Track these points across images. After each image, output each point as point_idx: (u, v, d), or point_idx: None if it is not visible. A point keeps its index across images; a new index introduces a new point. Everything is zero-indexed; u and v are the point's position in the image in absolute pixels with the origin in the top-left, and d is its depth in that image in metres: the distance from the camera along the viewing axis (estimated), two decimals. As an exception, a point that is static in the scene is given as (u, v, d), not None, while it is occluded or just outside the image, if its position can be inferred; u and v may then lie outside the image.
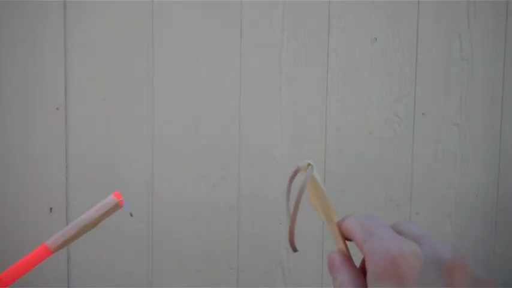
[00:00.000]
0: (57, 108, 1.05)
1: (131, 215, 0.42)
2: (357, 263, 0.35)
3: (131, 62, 1.08)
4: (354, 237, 0.33)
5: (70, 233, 0.41)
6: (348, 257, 0.35)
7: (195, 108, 1.11)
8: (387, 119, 1.18)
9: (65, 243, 0.41)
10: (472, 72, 1.21)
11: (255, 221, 1.15)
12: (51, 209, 1.06)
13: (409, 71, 1.18)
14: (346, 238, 0.35)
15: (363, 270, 0.33)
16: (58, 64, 1.05)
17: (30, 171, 1.05)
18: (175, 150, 1.10)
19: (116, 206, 0.42)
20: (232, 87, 1.12)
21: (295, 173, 0.35)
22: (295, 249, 0.36)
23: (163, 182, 1.10)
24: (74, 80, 1.06)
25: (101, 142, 1.08)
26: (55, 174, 1.06)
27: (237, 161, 1.13)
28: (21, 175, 1.05)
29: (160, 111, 1.09)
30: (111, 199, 0.42)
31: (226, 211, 1.14)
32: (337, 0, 1.14)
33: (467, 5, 1.19)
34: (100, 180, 1.08)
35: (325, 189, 0.36)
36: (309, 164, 0.34)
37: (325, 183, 1.17)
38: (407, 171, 1.20)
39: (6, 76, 1.03)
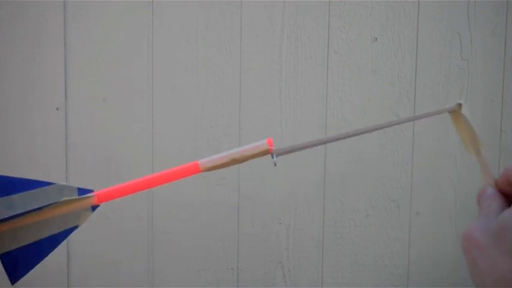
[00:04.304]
0: (57, 108, 1.05)
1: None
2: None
3: (131, 62, 1.08)
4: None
5: (220, 161, 0.45)
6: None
7: (195, 108, 1.11)
8: (387, 119, 1.18)
9: (213, 168, 0.45)
10: (472, 72, 1.21)
11: (255, 221, 1.15)
12: (51, 209, 1.06)
13: (409, 71, 1.18)
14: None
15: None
16: (58, 64, 1.05)
17: (30, 171, 1.05)
18: (175, 150, 1.10)
19: (264, 152, 0.45)
20: (232, 87, 1.12)
21: (448, 109, 0.41)
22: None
23: (163, 182, 1.10)
24: (74, 80, 1.06)
25: (101, 142, 1.08)
26: (55, 173, 1.06)
27: (237, 161, 1.13)
28: (21, 175, 1.05)
29: (160, 111, 1.09)
30: (263, 144, 0.45)
31: (226, 211, 1.14)
32: (337, 0, 1.14)
33: (467, 5, 1.19)
34: (100, 180, 1.08)
35: (474, 125, 0.41)
36: (460, 104, 0.40)
37: (325, 183, 1.17)
38: (407, 171, 1.20)
39: (6, 76, 1.03)
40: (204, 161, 0.45)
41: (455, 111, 0.40)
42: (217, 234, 1.14)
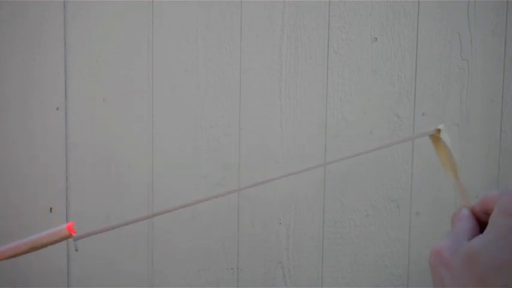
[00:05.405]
0: (57, 108, 1.05)
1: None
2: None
3: (131, 62, 1.08)
4: (491, 196, 0.36)
5: (18, 250, 0.42)
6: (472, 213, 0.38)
7: (195, 108, 1.11)
8: (387, 119, 1.18)
9: (12, 256, 0.42)
10: (472, 72, 1.21)
11: (255, 221, 1.15)
12: (51, 209, 1.06)
13: (409, 71, 1.18)
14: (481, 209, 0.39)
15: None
16: (58, 64, 1.05)
17: (30, 171, 1.05)
18: (175, 150, 1.10)
19: (65, 237, 0.42)
20: (232, 87, 1.12)
21: (431, 135, 0.41)
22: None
23: (163, 182, 1.10)
24: (74, 80, 1.06)
25: (101, 142, 1.08)
26: (55, 174, 1.06)
27: (237, 161, 1.13)
28: (21, 175, 1.05)
29: (160, 111, 1.09)
30: (63, 231, 0.42)
31: (226, 211, 1.14)
32: (337, 0, 1.14)
33: (467, 5, 1.19)
34: (100, 180, 1.08)
35: (452, 150, 0.41)
36: (439, 130, 0.40)
37: (325, 183, 1.17)
38: (407, 171, 1.20)
39: (6, 76, 1.03)
40: (1, 251, 0.42)
41: (434, 136, 0.40)
42: (217, 234, 1.14)
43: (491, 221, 0.32)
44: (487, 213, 0.34)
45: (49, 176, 1.06)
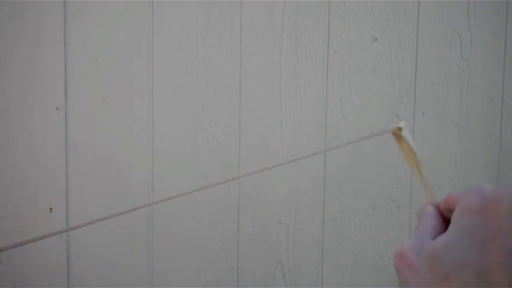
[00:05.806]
0: (57, 108, 1.05)
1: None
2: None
3: (131, 62, 1.08)
4: (454, 194, 0.36)
5: None
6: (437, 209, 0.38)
7: (195, 108, 1.11)
8: (387, 119, 1.18)
9: None
10: (472, 72, 1.21)
11: (255, 221, 1.15)
12: (51, 209, 1.06)
13: (409, 71, 1.18)
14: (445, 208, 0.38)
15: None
16: (58, 64, 1.05)
17: (30, 171, 1.05)
18: (175, 150, 1.10)
19: None
20: (232, 87, 1.12)
21: (393, 132, 0.41)
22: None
23: (163, 182, 1.10)
24: (74, 80, 1.06)
25: (101, 142, 1.08)
26: (55, 174, 1.06)
27: (237, 161, 1.13)
28: (21, 175, 1.05)
29: (160, 111, 1.09)
30: None
31: (226, 211, 1.14)
32: (337, 0, 1.14)
33: (467, 5, 1.19)
34: (100, 180, 1.08)
35: (415, 147, 0.42)
36: (400, 127, 0.41)
37: (325, 182, 1.17)
38: (407, 171, 1.20)
39: (6, 76, 1.03)
40: None
41: (396, 133, 0.41)
42: (217, 234, 1.14)
43: (453, 220, 0.33)
44: (451, 211, 0.34)
45: (49, 176, 1.06)
